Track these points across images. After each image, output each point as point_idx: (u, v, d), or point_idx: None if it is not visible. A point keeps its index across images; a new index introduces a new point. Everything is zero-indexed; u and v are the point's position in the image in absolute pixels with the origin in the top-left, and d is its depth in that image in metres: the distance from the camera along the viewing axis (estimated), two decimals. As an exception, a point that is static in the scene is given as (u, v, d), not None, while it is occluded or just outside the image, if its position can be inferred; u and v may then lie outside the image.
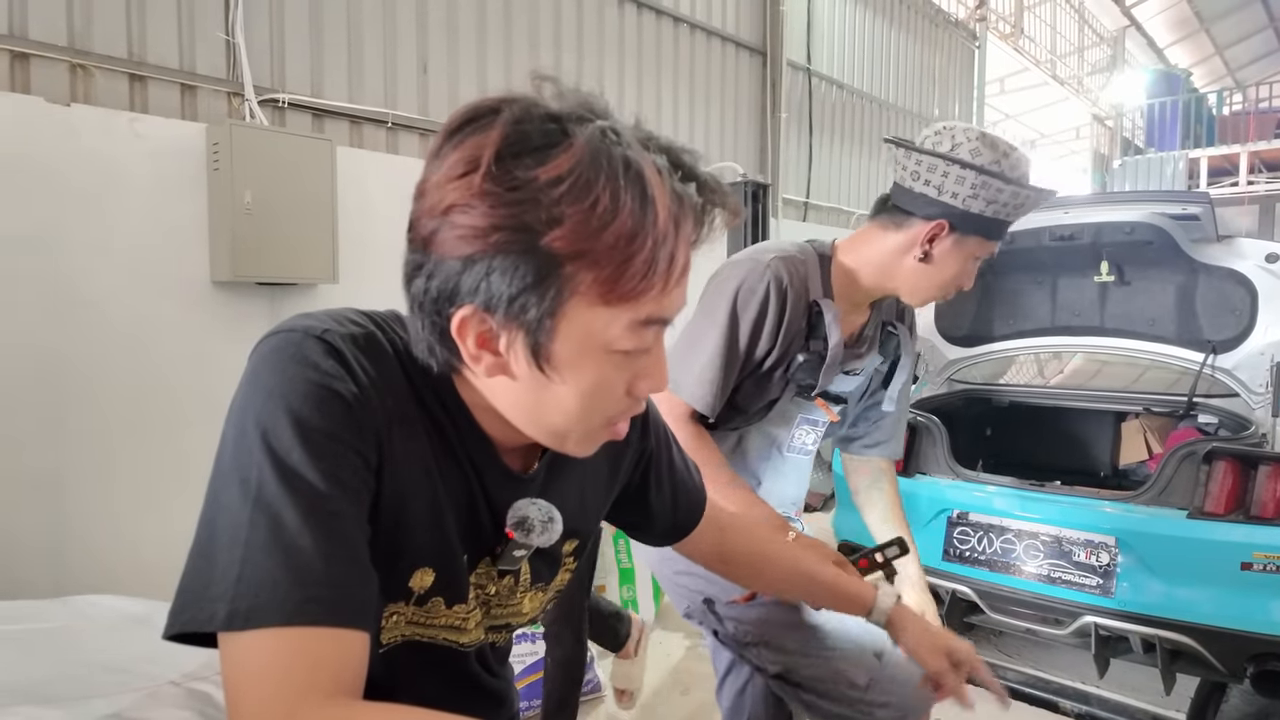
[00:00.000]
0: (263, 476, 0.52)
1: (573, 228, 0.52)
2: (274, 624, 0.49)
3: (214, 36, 3.00)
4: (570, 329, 0.55)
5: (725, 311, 1.34)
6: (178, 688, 0.62)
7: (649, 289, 0.55)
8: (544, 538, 0.70)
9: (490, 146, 0.52)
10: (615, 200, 0.52)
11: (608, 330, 0.56)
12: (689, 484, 0.92)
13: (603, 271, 0.53)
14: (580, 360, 0.57)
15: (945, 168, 1.23)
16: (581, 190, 0.51)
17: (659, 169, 0.55)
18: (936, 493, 2.87)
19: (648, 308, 0.56)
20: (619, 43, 4.73)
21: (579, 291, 0.54)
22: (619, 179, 0.52)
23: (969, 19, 8.55)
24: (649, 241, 0.53)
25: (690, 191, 0.56)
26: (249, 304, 3.05)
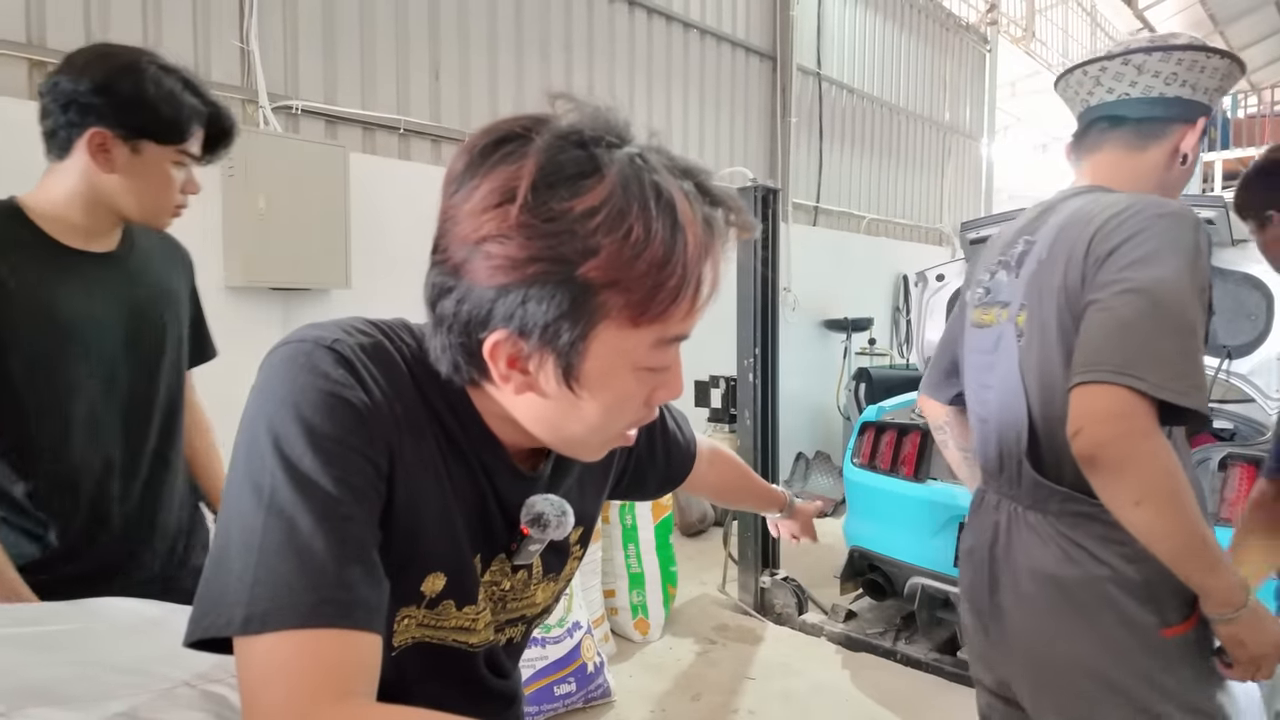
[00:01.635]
0: (276, 483, 0.54)
1: (608, 257, 0.53)
2: (289, 627, 0.50)
3: (229, 44, 3.03)
4: (600, 350, 0.57)
5: (1187, 261, 0.99)
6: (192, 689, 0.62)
7: (677, 311, 0.57)
8: (559, 531, 0.71)
9: (526, 178, 0.53)
10: (648, 229, 0.53)
11: (636, 351, 0.58)
12: (679, 440, 0.97)
13: (634, 296, 0.55)
14: (607, 379, 0.59)
15: (1204, 61, 1.12)
16: (615, 220, 0.53)
17: (688, 196, 0.56)
18: (948, 498, 2.86)
19: (674, 328, 0.58)
20: (629, 49, 4.75)
21: (610, 315, 0.56)
22: (651, 208, 0.54)
23: (980, 23, 8.52)
24: (680, 268, 0.55)
25: (718, 216, 0.58)
26: (262, 309, 3.08)
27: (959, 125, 8.18)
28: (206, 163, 1.25)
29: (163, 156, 1.14)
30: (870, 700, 2.78)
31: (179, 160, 1.17)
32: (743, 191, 3.67)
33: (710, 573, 3.91)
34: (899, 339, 7.18)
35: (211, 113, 1.20)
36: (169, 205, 1.20)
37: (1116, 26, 13.21)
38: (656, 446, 0.93)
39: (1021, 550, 1.16)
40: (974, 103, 8.44)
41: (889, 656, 3.07)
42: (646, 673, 2.99)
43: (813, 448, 5.93)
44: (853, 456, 3.26)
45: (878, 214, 6.99)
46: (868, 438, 3.20)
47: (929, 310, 3.56)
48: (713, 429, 4.54)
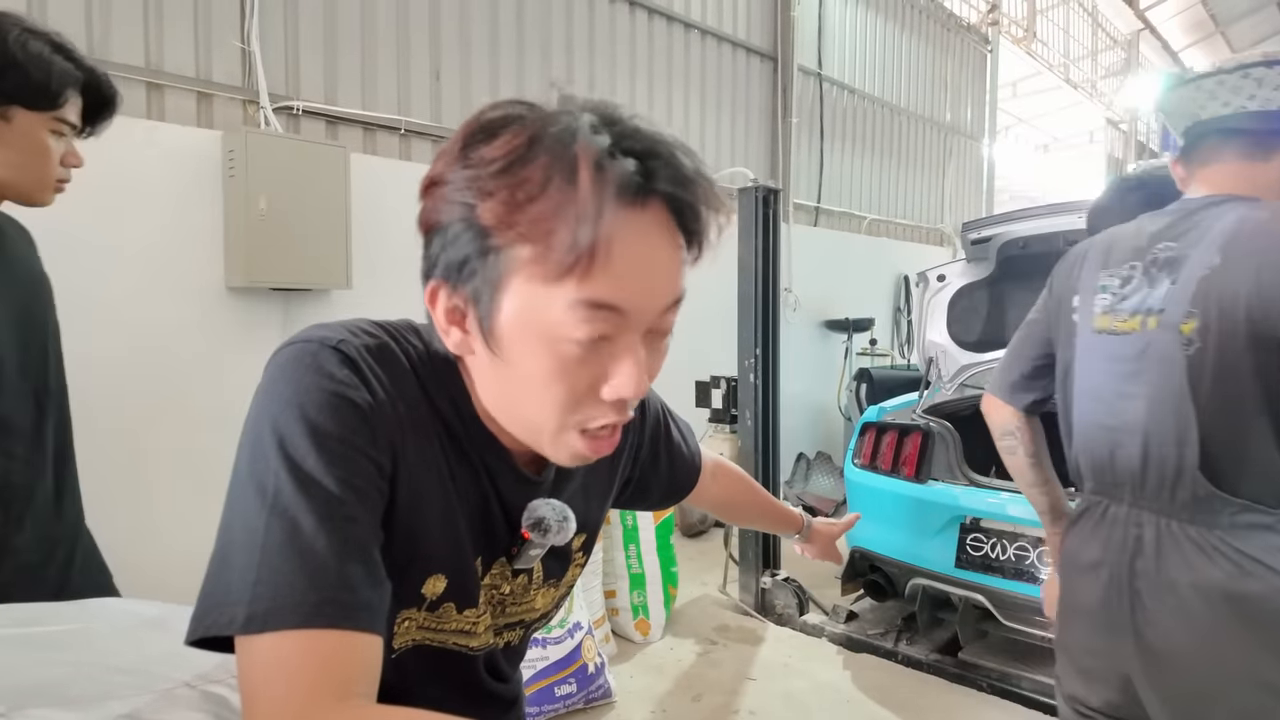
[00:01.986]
0: (279, 483, 0.54)
1: (500, 202, 0.54)
2: (290, 626, 0.50)
3: (230, 45, 3.03)
4: (512, 305, 0.56)
5: None
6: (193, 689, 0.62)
7: (577, 266, 0.54)
8: (559, 536, 0.71)
9: (464, 127, 0.57)
10: (545, 177, 0.53)
11: (550, 310, 0.55)
12: (684, 453, 0.96)
13: (536, 249, 0.54)
14: (526, 341, 0.57)
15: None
16: (514, 166, 0.54)
17: (593, 148, 0.54)
18: (949, 499, 2.85)
19: (585, 288, 0.54)
20: (630, 49, 4.75)
21: (518, 267, 0.55)
22: (552, 159, 0.54)
23: (981, 23, 8.52)
24: (570, 217, 0.53)
25: (623, 168, 0.54)
26: (263, 309, 3.08)
27: (960, 125, 8.18)
28: (88, 134, 1.19)
29: (37, 125, 1.07)
30: (871, 701, 2.78)
31: (56, 129, 1.10)
32: (743, 192, 3.67)
33: (711, 573, 3.90)
34: (900, 339, 7.18)
35: (87, 78, 1.12)
36: (49, 178, 1.13)
37: (1118, 27, 13.20)
38: (660, 455, 0.91)
39: (1179, 565, 1.12)
40: (975, 103, 8.44)
41: (890, 657, 3.07)
42: (647, 673, 2.99)
43: (814, 448, 5.93)
44: (854, 457, 3.26)
45: (879, 214, 6.98)
46: (869, 438, 3.20)
47: (930, 310, 3.56)
48: (713, 430, 4.54)
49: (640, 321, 0.58)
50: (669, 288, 0.59)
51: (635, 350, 0.58)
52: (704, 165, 0.59)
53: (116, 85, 1.17)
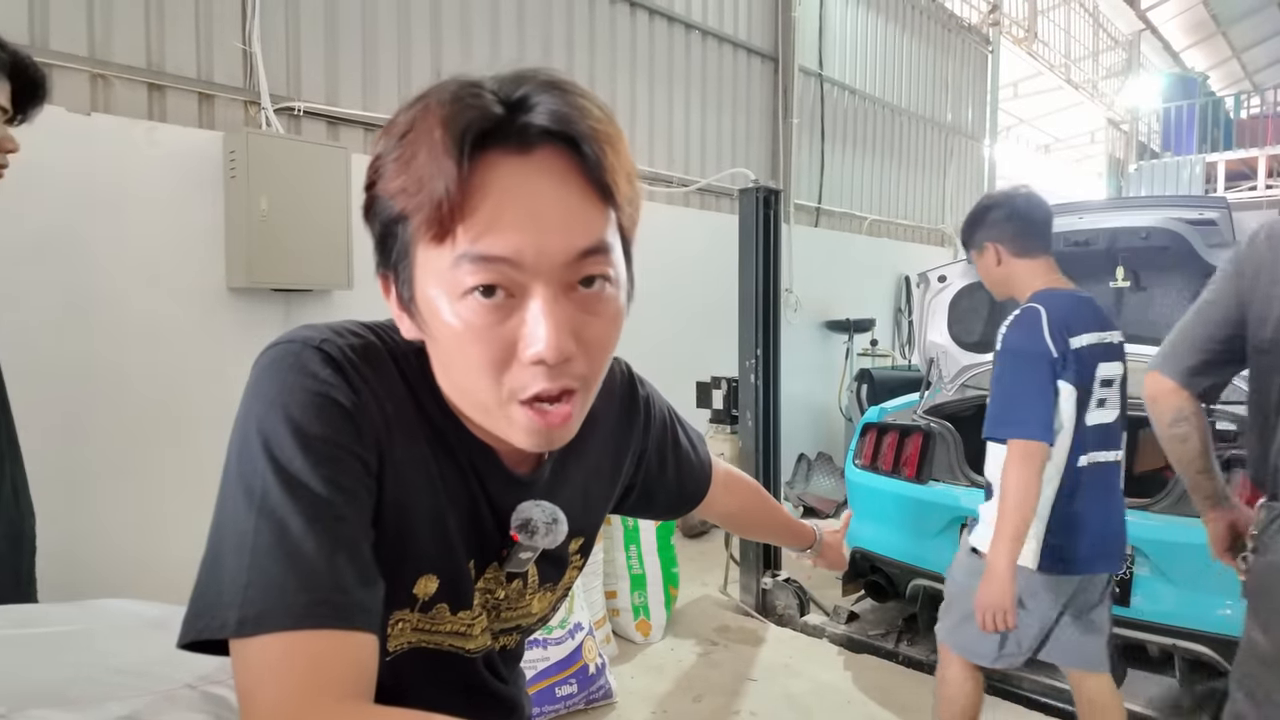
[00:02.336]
0: (266, 484, 0.54)
1: (391, 173, 0.56)
2: (282, 628, 0.50)
3: (231, 46, 3.04)
4: (422, 274, 0.57)
5: None
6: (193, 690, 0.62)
7: (450, 220, 0.53)
8: (549, 539, 0.70)
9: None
10: (416, 140, 0.54)
11: (447, 272, 0.55)
12: (693, 461, 0.94)
13: (421, 212, 0.54)
14: (435, 308, 0.57)
15: None
16: (398, 140, 0.56)
17: (452, 98, 0.55)
18: (950, 500, 2.85)
19: (466, 242, 0.54)
20: (631, 50, 4.75)
21: (418, 235, 0.56)
22: (416, 119, 0.55)
23: (982, 24, 8.52)
24: (433, 171, 0.53)
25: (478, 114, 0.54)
26: (264, 310, 3.08)
27: (961, 126, 8.18)
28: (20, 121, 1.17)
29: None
30: (872, 702, 2.78)
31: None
32: (744, 193, 3.67)
33: (712, 574, 3.90)
34: (901, 340, 7.18)
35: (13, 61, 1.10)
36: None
37: (1119, 27, 13.19)
38: (667, 462, 0.89)
39: None
40: (976, 103, 8.44)
41: (891, 658, 3.07)
42: (648, 674, 2.99)
43: (814, 449, 5.93)
44: (854, 458, 3.26)
45: (880, 215, 6.98)
46: (869, 439, 3.20)
47: (931, 311, 3.56)
48: (714, 430, 4.54)
49: (547, 274, 0.55)
50: (568, 234, 0.55)
51: (548, 306, 0.55)
52: (603, 107, 0.57)
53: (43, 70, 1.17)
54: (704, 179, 5.15)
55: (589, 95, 0.57)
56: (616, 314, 0.60)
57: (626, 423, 0.83)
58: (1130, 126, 13.39)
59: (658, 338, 3.25)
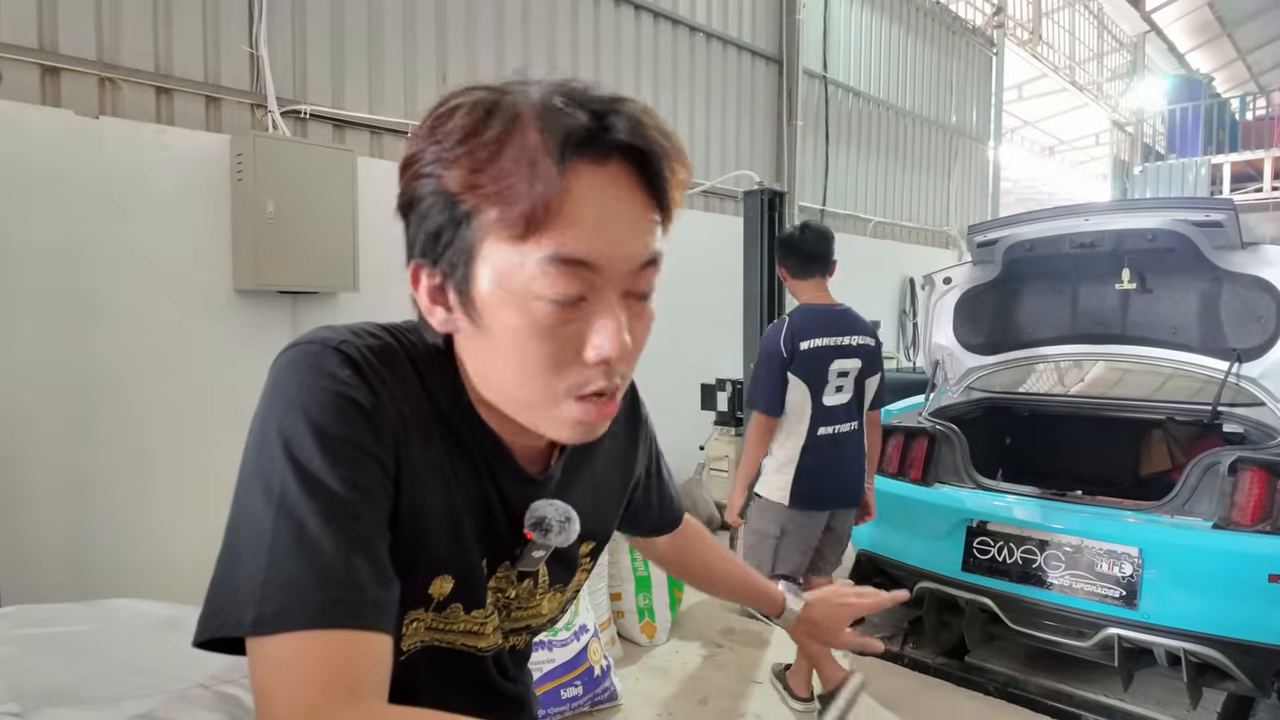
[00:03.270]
0: (285, 484, 0.54)
1: (463, 167, 0.55)
2: (299, 627, 0.50)
3: (238, 49, 3.05)
4: (488, 270, 0.57)
5: None
6: (206, 690, 0.63)
7: (542, 222, 0.54)
8: (562, 538, 0.70)
9: (432, 111, 0.59)
10: (499, 139, 0.55)
11: (522, 270, 0.55)
12: (671, 490, 0.97)
13: (500, 208, 0.55)
14: (503, 305, 0.57)
15: None
16: (471, 134, 0.55)
17: (540, 105, 0.56)
18: (956, 502, 2.85)
19: (552, 244, 0.55)
20: (635, 52, 4.76)
21: (487, 231, 0.56)
22: (505, 121, 0.55)
23: (986, 26, 8.51)
24: (528, 173, 0.54)
25: (573, 122, 0.55)
26: (271, 312, 3.09)
27: (965, 128, 8.17)
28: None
29: None
30: (878, 705, 2.77)
31: None
32: (749, 195, 3.68)
33: (717, 576, 3.90)
34: (905, 342, 7.16)
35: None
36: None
37: (1124, 29, 13.17)
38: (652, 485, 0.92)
39: None
40: (980, 105, 8.43)
41: (897, 661, 3.06)
42: (653, 676, 2.98)
43: (819, 451, 5.92)
44: (860, 460, 3.25)
45: (884, 217, 6.98)
46: (875, 441, 3.19)
47: (936, 313, 3.56)
48: (719, 432, 4.54)
49: (614, 279, 0.57)
50: (639, 245, 0.58)
51: (614, 309, 0.57)
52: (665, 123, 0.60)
53: None
54: (709, 181, 5.15)
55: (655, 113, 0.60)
56: (651, 320, 0.63)
57: (631, 433, 0.85)
58: (1135, 128, 13.36)
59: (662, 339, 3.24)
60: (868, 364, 2.60)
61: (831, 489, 2.57)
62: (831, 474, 2.55)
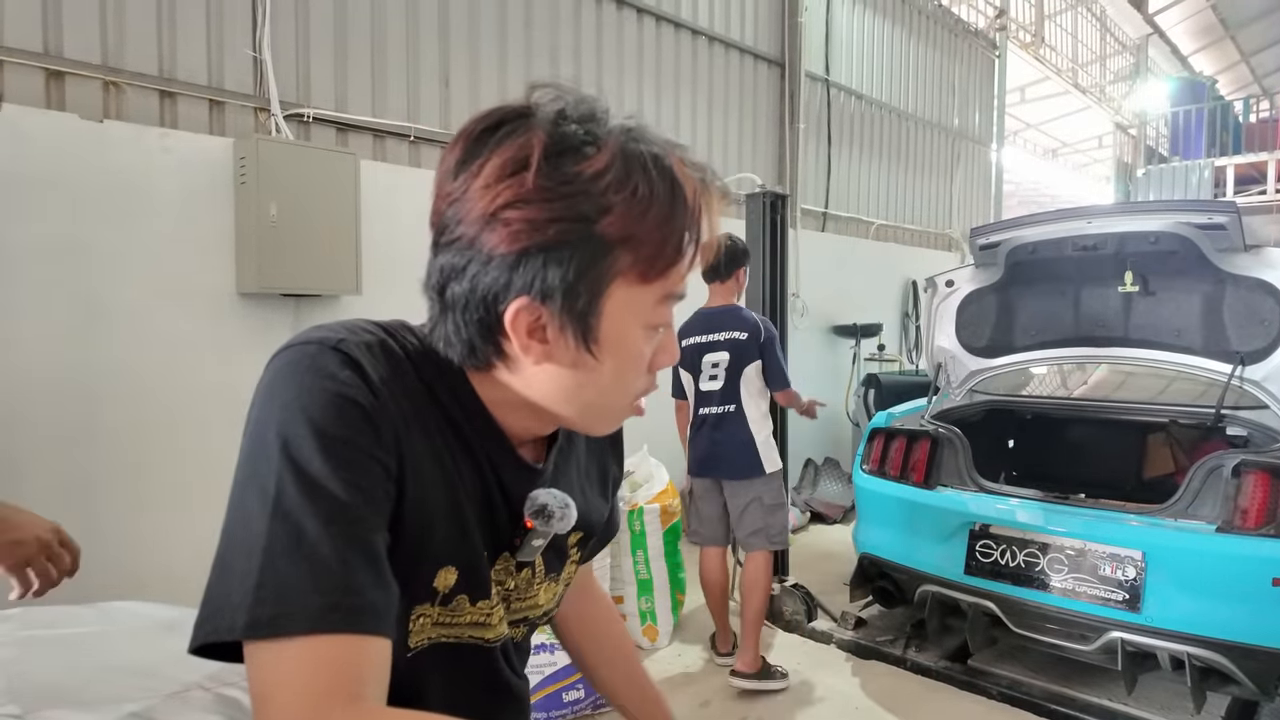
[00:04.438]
0: (282, 486, 0.53)
1: (621, 214, 0.57)
2: (297, 632, 0.50)
3: (242, 54, 3.06)
4: (614, 310, 0.60)
5: None
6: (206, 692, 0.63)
7: (681, 265, 0.62)
8: (562, 524, 0.71)
9: (538, 146, 0.57)
10: (651, 187, 0.58)
11: (644, 307, 0.62)
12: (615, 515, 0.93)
13: (644, 252, 0.59)
14: (621, 339, 0.62)
15: None
16: (623, 180, 0.57)
17: (682, 160, 0.62)
18: (959, 505, 2.84)
19: (676, 283, 0.63)
20: (638, 55, 4.77)
21: (621, 274, 0.59)
22: (650, 169, 0.59)
23: (989, 28, 8.51)
24: (682, 220, 0.60)
25: (706, 176, 0.63)
26: (273, 314, 3.10)
27: (968, 131, 8.17)
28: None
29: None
30: (880, 708, 2.76)
31: None
32: (751, 198, 3.68)
33: (719, 579, 3.89)
34: (908, 345, 7.15)
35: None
36: None
37: (1126, 32, 13.16)
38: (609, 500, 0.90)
39: None
40: (983, 108, 8.42)
41: (899, 664, 3.06)
42: (655, 679, 2.98)
43: (821, 454, 5.91)
44: (862, 463, 3.25)
45: (886, 219, 6.97)
46: (877, 444, 3.19)
47: (938, 316, 3.55)
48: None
49: None
50: None
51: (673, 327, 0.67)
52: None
53: None
54: (711, 184, 5.15)
55: None
56: None
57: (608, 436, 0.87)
58: (1138, 131, 13.34)
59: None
60: (736, 355, 2.96)
61: (709, 460, 3.02)
62: (708, 446, 3.02)
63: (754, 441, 2.96)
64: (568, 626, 1.00)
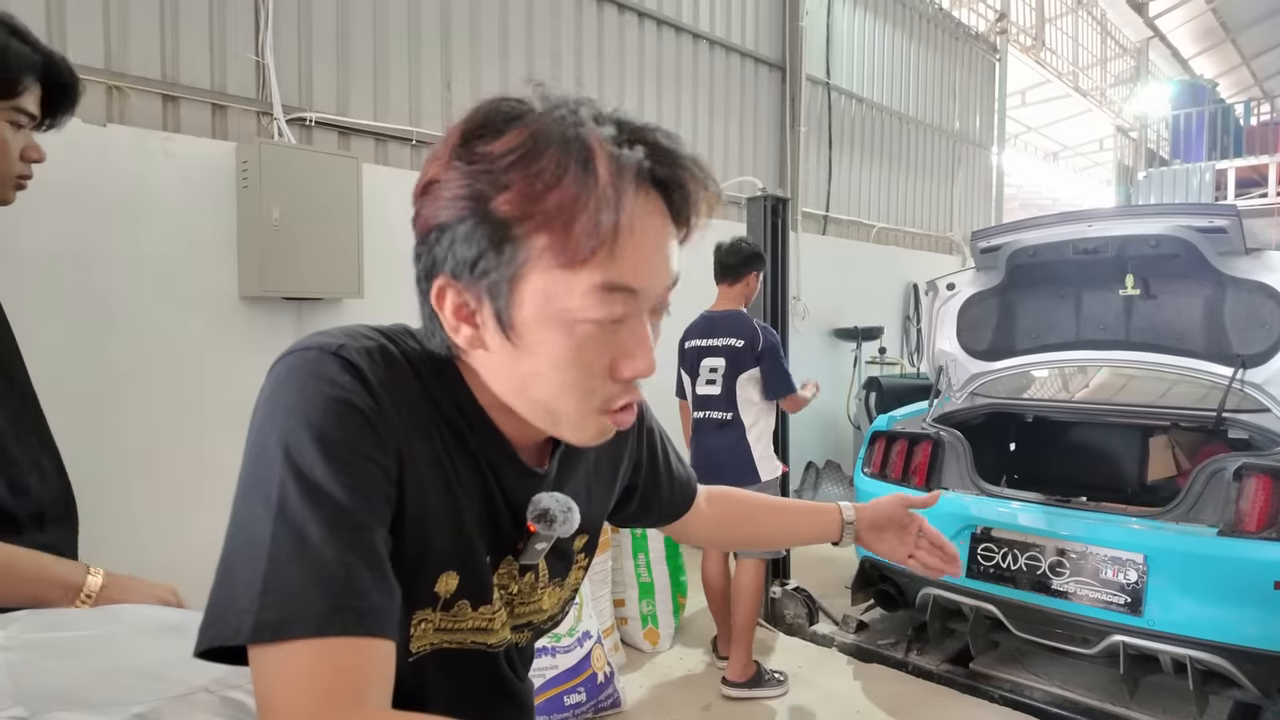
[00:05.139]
0: (285, 492, 0.54)
1: (517, 192, 0.56)
2: (301, 635, 0.50)
3: (244, 58, 3.07)
4: (531, 295, 0.58)
5: None
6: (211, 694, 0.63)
7: (597, 251, 0.56)
8: (565, 528, 0.71)
9: (459, 128, 0.59)
10: (559, 167, 0.55)
11: (569, 296, 0.57)
12: (681, 474, 0.97)
13: (554, 236, 0.56)
14: (545, 328, 0.59)
15: None
16: (528, 159, 0.56)
17: (603, 138, 0.57)
18: (960, 508, 2.84)
19: (604, 272, 0.57)
20: (639, 59, 4.78)
21: (534, 257, 0.57)
22: (565, 149, 0.56)
23: (989, 32, 8.52)
24: (590, 204, 0.55)
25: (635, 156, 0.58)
26: (276, 318, 3.11)
27: (969, 134, 8.18)
28: (49, 127, 1.07)
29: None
30: (882, 712, 2.76)
31: (14, 120, 0.99)
32: (752, 201, 3.68)
33: (720, 582, 3.89)
34: (909, 348, 7.16)
35: (45, 63, 1.02)
36: (8, 174, 1.01)
37: (1127, 35, 13.18)
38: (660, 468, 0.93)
39: None
40: (984, 111, 8.43)
41: (901, 668, 3.05)
42: (656, 683, 2.98)
43: (823, 457, 5.91)
44: (864, 466, 3.25)
45: (887, 223, 6.98)
46: (879, 447, 3.19)
47: (940, 319, 3.56)
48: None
49: (649, 302, 0.61)
50: (670, 268, 0.62)
51: (646, 329, 0.62)
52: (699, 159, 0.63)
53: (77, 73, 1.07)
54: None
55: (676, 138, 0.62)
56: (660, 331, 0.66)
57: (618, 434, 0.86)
58: (1139, 134, 13.35)
59: (669, 343, 3.27)
60: (732, 362, 2.96)
61: (704, 465, 2.98)
62: (704, 451, 3.03)
63: (749, 448, 2.96)
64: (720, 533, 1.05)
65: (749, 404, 2.97)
